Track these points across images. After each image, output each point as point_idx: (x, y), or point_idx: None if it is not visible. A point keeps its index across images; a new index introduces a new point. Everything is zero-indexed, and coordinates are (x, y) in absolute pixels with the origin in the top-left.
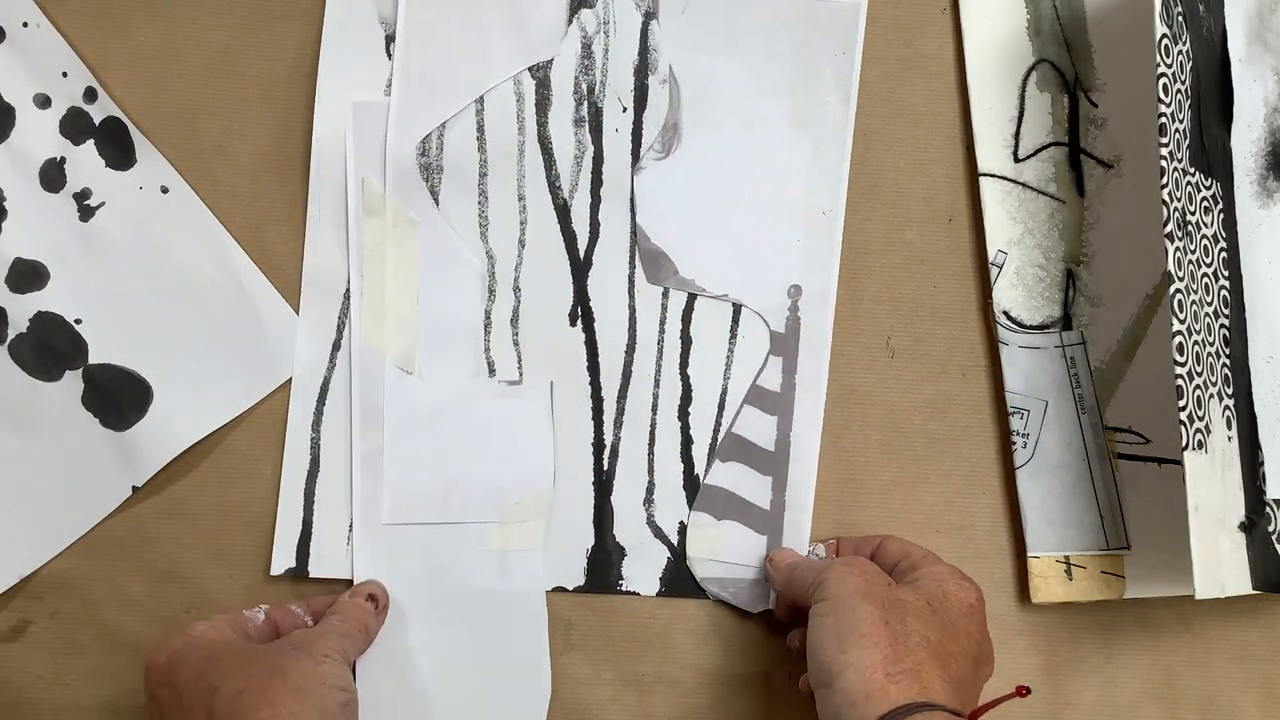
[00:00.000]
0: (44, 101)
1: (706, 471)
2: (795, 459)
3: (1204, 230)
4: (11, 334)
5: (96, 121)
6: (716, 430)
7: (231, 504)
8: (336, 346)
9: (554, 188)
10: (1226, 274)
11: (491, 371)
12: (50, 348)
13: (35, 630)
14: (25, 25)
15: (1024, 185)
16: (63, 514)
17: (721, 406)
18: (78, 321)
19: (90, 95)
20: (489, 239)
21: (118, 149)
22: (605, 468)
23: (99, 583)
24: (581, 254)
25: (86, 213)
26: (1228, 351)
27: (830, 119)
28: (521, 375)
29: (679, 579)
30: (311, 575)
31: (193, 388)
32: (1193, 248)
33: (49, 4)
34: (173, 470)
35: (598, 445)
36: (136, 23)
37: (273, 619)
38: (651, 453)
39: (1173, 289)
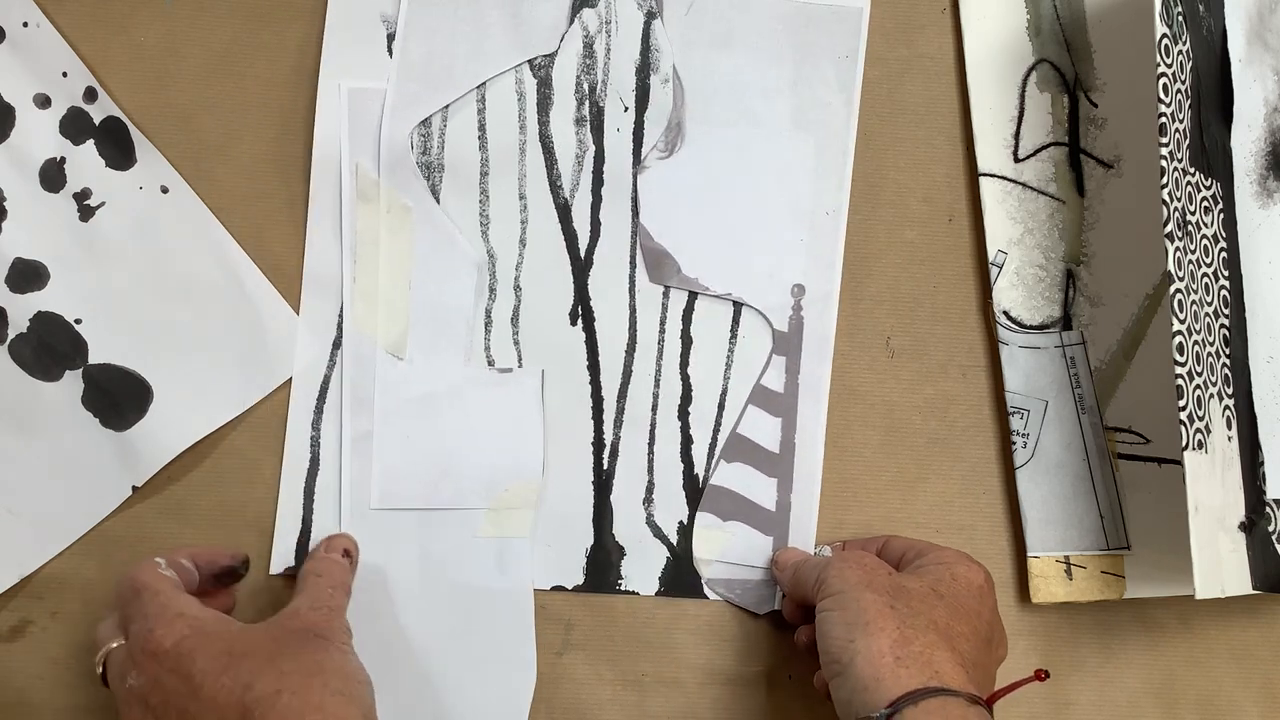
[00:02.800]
0: (44, 101)
1: (712, 472)
2: (800, 460)
3: (1204, 230)
4: (11, 334)
5: (96, 121)
6: (716, 430)
7: (231, 504)
8: (337, 344)
9: (555, 187)
10: (1226, 274)
11: (489, 362)
12: (50, 348)
13: (35, 630)
14: (25, 25)
15: (1024, 185)
16: (63, 514)
17: (721, 406)
18: (78, 321)
19: (90, 95)
20: (490, 238)
21: (118, 149)
22: (605, 467)
23: (99, 583)
24: (582, 253)
25: (86, 213)
26: (1228, 351)
27: (833, 120)
28: (517, 364)
29: (678, 579)
30: None
31: (193, 388)
32: (1193, 248)
33: (49, 4)
34: (173, 470)
35: (597, 444)
36: (136, 23)
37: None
38: (651, 452)
39: (1173, 289)
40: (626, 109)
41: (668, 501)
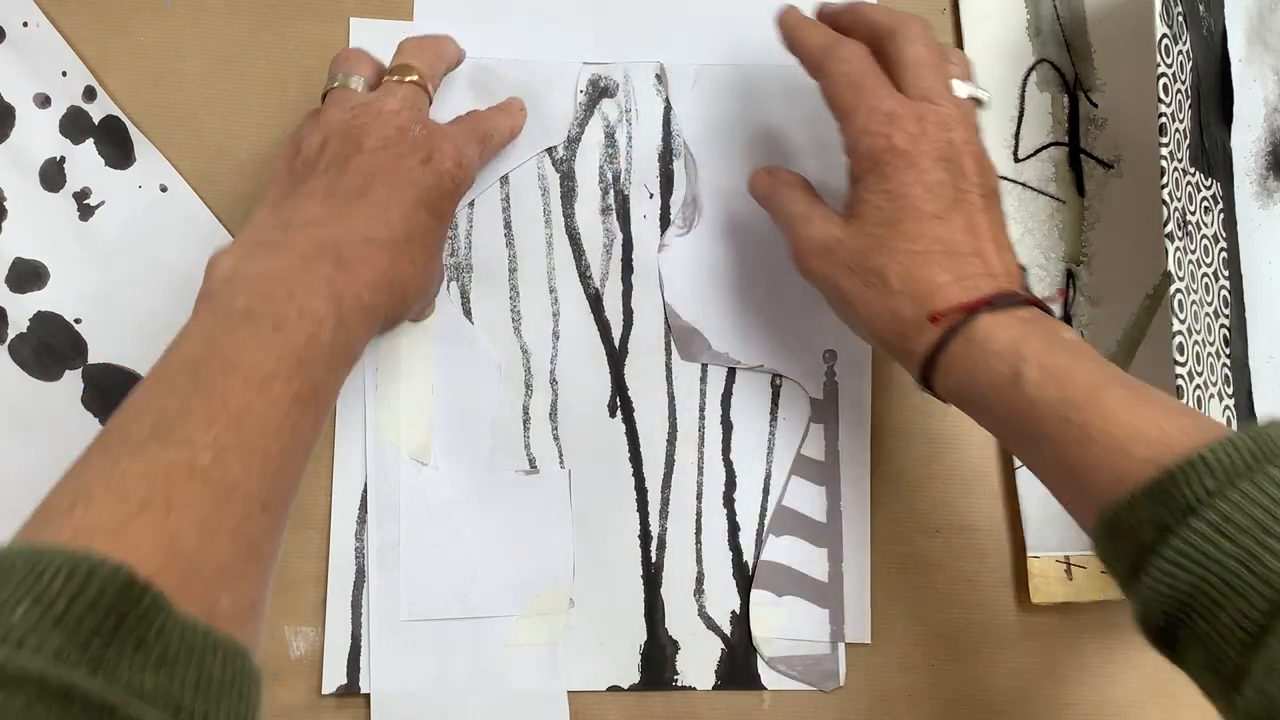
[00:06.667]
0: (44, 101)
1: (761, 548)
2: (848, 528)
3: (1204, 230)
4: (11, 334)
5: (96, 121)
6: (763, 515)
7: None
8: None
9: (585, 278)
10: (1226, 274)
11: (530, 459)
12: (50, 348)
13: None
14: (25, 25)
15: (1024, 185)
16: None
17: (766, 490)
18: (78, 321)
19: (89, 94)
20: (522, 333)
21: (117, 148)
22: (654, 560)
23: None
24: (617, 343)
25: (86, 212)
26: (1228, 351)
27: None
28: (537, 465)
29: (733, 671)
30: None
31: None
32: (1193, 248)
33: (49, 4)
34: None
35: (644, 537)
36: (137, 23)
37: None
38: (699, 542)
39: (1173, 289)
40: (652, 195)
41: (718, 591)
